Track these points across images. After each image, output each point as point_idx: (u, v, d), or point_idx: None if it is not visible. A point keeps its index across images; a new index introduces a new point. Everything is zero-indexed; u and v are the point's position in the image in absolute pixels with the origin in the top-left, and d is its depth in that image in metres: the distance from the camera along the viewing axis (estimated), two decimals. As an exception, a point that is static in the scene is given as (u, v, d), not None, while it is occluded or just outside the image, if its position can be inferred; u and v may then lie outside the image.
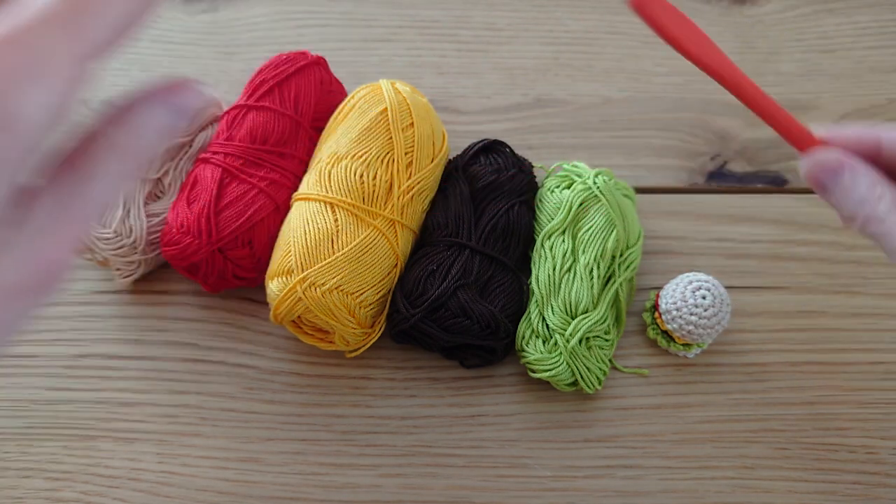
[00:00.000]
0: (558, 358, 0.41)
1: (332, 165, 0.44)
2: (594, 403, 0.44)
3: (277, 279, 0.42)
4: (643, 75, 0.56)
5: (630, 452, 0.42)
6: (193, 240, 0.43)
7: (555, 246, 0.44)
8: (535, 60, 0.57)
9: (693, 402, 0.44)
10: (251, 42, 0.58)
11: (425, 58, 0.57)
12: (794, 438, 0.43)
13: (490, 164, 0.46)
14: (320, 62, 0.49)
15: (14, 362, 0.45)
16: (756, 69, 0.56)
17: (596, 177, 0.45)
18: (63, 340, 0.46)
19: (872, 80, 0.56)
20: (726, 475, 0.42)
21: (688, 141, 0.53)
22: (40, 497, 0.41)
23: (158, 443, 0.42)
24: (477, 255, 0.43)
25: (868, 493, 0.41)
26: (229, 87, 0.55)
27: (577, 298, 0.42)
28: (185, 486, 0.41)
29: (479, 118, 0.54)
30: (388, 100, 0.45)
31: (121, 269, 0.45)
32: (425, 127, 0.46)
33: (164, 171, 0.47)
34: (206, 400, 0.44)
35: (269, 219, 0.45)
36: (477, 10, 0.59)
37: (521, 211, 0.45)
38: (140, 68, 0.56)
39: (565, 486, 0.41)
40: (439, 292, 0.41)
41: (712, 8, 0.59)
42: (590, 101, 0.55)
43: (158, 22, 0.59)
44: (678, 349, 0.44)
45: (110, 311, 0.46)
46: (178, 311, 0.46)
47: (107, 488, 0.41)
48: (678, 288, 0.43)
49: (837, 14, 0.59)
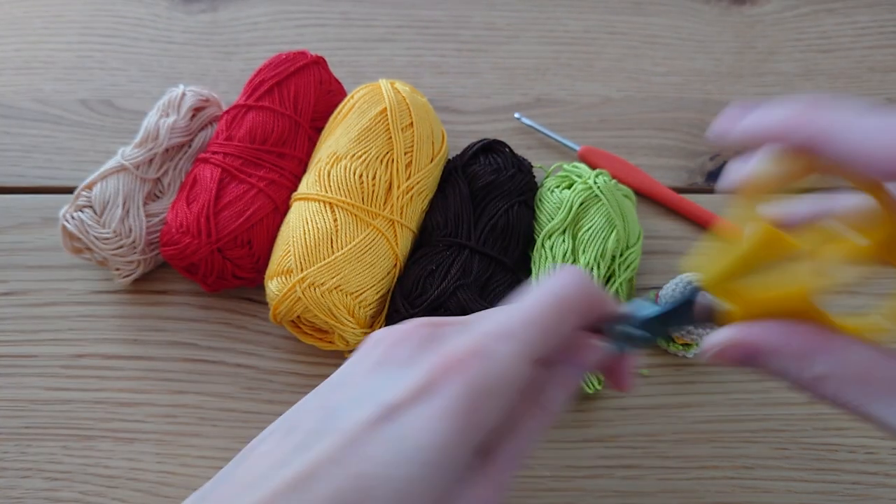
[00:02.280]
0: (558, 358, 0.41)
1: (332, 165, 0.44)
2: (594, 403, 0.44)
3: (277, 279, 0.42)
4: (643, 75, 0.56)
5: (630, 452, 0.42)
6: (193, 240, 0.43)
7: (555, 246, 0.44)
8: (535, 60, 0.57)
9: (693, 402, 0.44)
10: (251, 42, 0.58)
11: (425, 58, 0.57)
12: (793, 438, 0.43)
13: (489, 164, 0.46)
14: (320, 62, 0.49)
15: (13, 362, 0.45)
16: (756, 69, 0.56)
17: (596, 177, 0.45)
18: (62, 340, 0.45)
19: (872, 80, 0.56)
20: (726, 475, 0.42)
21: (687, 141, 0.53)
22: (39, 497, 0.41)
23: (157, 443, 0.42)
24: (476, 255, 0.43)
25: (868, 493, 0.41)
26: (229, 86, 0.55)
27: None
28: (184, 485, 0.41)
29: (478, 118, 0.54)
30: (387, 100, 0.45)
31: (120, 268, 0.45)
32: (425, 127, 0.46)
33: (164, 170, 0.47)
34: (205, 400, 0.44)
35: (269, 219, 0.45)
36: (477, 10, 0.59)
37: (521, 211, 0.45)
38: (140, 68, 0.56)
39: (565, 486, 0.41)
40: (439, 292, 0.41)
41: (712, 8, 0.59)
42: (590, 101, 0.55)
43: (158, 22, 0.59)
44: (678, 349, 0.44)
45: (110, 311, 0.46)
46: (178, 311, 0.46)
47: (106, 488, 0.41)
48: (678, 288, 0.43)
49: (837, 14, 0.59)
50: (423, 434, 0.22)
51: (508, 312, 0.25)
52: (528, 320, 0.25)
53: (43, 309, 0.47)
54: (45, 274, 0.48)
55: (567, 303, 0.26)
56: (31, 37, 0.58)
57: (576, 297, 0.26)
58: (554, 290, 0.26)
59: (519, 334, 0.24)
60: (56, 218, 0.45)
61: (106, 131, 0.53)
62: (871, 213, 0.24)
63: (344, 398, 0.24)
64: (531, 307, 0.25)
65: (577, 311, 0.26)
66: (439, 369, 0.23)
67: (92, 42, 0.58)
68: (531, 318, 0.25)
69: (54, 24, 0.59)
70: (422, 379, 0.23)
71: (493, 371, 0.23)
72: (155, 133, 0.46)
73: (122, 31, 0.58)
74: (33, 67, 0.56)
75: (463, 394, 0.22)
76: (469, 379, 0.23)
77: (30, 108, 0.54)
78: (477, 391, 0.23)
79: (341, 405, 0.24)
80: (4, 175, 0.52)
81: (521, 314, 0.25)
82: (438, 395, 0.22)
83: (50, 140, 0.53)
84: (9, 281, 0.48)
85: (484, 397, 0.23)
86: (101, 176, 0.45)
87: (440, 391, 0.22)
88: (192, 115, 0.48)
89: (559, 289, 0.26)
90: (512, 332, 0.24)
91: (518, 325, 0.24)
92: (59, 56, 0.57)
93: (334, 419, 0.23)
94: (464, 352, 0.23)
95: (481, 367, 0.23)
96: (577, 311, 0.26)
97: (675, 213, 0.50)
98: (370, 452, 0.22)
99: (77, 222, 0.44)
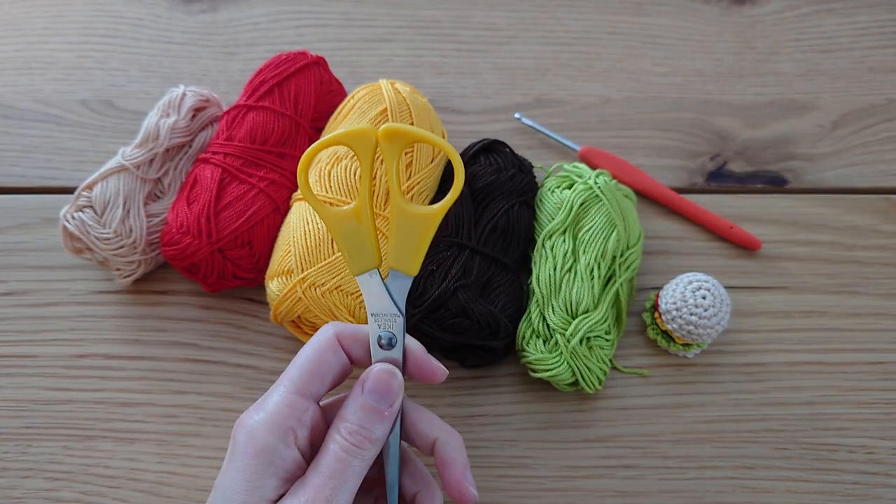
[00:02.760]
0: (559, 358, 0.41)
1: (332, 165, 0.44)
2: (594, 403, 0.44)
3: (277, 279, 0.42)
4: (643, 75, 0.56)
5: (630, 452, 0.42)
6: (193, 240, 0.43)
7: (555, 246, 0.44)
8: (535, 60, 0.57)
9: (693, 402, 0.44)
10: (251, 42, 0.58)
11: (425, 58, 0.57)
12: (793, 438, 0.43)
13: (490, 164, 0.46)
14: (320, 62, 0.49)
15: (14, 362, 0.45)
16: (756, 69, 0.57)
17: (597, 177, 0.45)
18: (62, 340, 0.46)
19: (872, 80, 0.56)
20: (726, 475, 0.42)
21: (688, 141, 0.53)
22: (40, 497, 0.41)
23: (158, 443, 0.42)
24: (477, 255, 0.43)
25: (868, 493, 0.41)
26: (229, 87, 0.55)
27: (577, 298, 0.42)
28: (184, 486, 0.41)
29: (479, 118, 0.54)
30: (387, 100, 0.45)
31: (121, 269, 0.45)
32: (425, 127, 0.46)
33: (164, 171, 0.47)
34: (205, 400, 0.44)
35: (269, 219, 0.45)
36: (477, 10, 0.59)
37: (521, 211, 0.45)
38: (140, 68, 0.56)
39: (565, 486, 0.41)
40: (439, 292, 0.41)
41: (712, 8, 0.59)
42: (590, 101, 0.55)
43: (158, 22, 0.59)
44: (678, 349, 0.44)
45: (110, 311, 0.46)
46: (178, 312, 0.46)
47: (106, 488, 0.41)
48: (678, 288, 0.43)
49: (837, 14, 0.59)
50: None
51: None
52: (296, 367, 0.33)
53: (43, 309, 0.47)
54: (46, 274, 0.48)
55: (320, 351, 0.33)
56: (32, 37, 0.58)
57: (327, 345, 0.33)
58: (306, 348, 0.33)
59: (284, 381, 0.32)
60: (56, 218, 0.45)
61: (106, 131, 0.53)
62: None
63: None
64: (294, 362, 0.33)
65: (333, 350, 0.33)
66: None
67: (92, 42, 0.58)
68: (299, 364, 0.33)
69: (54, 25, 0.59)
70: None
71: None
72: (155, 133, 0.46)
73: (122, 32, 0.58)
74: (33, 68, 0.56)
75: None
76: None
77: (30, 108, 0.54)
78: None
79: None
80: (4, 175, 0.52)
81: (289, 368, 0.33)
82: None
83: (50, 140, 0.53)
84: (9, 281, 0.48)
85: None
86: (101, 176, 0.45)
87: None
88: (193, 116, 0.48)
89: (310, 345, 0.33)
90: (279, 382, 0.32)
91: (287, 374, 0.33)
92: (60, 56, 0.57)
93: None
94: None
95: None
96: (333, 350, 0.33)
97: (675, 213, 0.50)
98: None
99: (77, 222, 0.44)
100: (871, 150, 0.53)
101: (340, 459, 0.30)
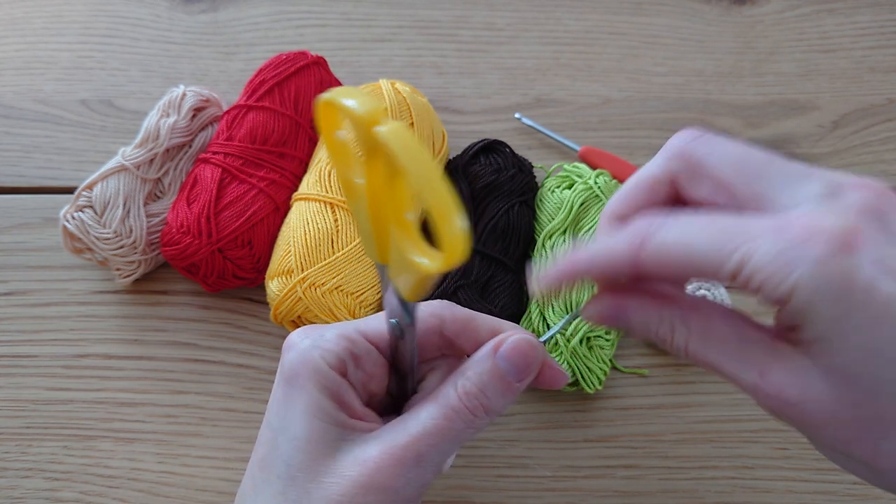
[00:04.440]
0: (559, 358, 0.41)
1: (332, 166, 0.44)
2: (594, 403, 0.44)
3: (277, 279, 0.42)
4: (643, 75, 0.56)
5: (630, 452, 0.42)
6: (193, 240, 0.43)
7: (555, 246, 0.44)
8: (535, 60, 0.57)
9: (693, 402, 0.44)
10: (251, 42, 0.58)
11: (425, 58, 0.57)
12: (793, 438, 0.43)
13: (490, 164, 0.46)
14: (320, 62, 0.49)
15: (14, 362, 0.45)
16: (756, 69, 0.56)
17: (597, 177, 0.45)
18: (63, 340, 0.45)
19: (872, 80, 0.56)
20: (726, 475, 0.42)
21: (688, 141, 0.53)
22: (40, 497, 0.41)
23: (158, 443, 0.42)
24: (477, 255, 0.43)
25: (868, 493, 0.41)
26: (229, 87, 0.55)
27: (577, 298, 0.42)
28: (184, 486, 0.41)
29: (479, 118, 0.54)
30: (387, 100, 0.45)
31: (121, 269, 0.45)
32: (425, 127, 0.46)
33: (164, 171, 0.47)
34: (205, 400, 0.44)
35: (269, 219, 0.45)
36: (477, 10, 0.59)
37: (521, 211, 0.45)
38: (140, 68, 0.56)
39: (565, 486, 0.41)
40: (439, 292, 0.41)
41: (712, 8, 0.59)
42: (590, 101, 0.55)
43: (158, 22, 0.59)
44: (678, 349, 0.44)
45: (110, 311, 0.46)
46: (178, 311, 0.46)
47: (106, 488, 0.41)
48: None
49: (837, 14, 0.59)
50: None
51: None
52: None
53: (44, 309, 0.47)
54: (46, 274, 0.48)
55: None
56: (31, 37, 0.58)
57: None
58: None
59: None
60: (57, 218, 0.45)
61: (106, 131, 0.53)
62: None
63: None
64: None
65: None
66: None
67: (92, 42, 0.58)
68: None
69: (54, 25, 0.59)
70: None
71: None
72: (155, 133, 0.46)
73: (122, 32, 0.58)
74: (33, 67, 0.56)
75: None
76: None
77: (30, 108, 0.54)
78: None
79: None
80: (4, 175, 0.52)
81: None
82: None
83: (50, 140, 0.53)
84: (9, 281, 0.48)
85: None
86: (101, 176, 0.45)
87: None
88: (193, 116, 0.48)
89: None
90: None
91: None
92: (60, 56, 0.57)
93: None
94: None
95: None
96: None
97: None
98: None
99: (78, 222, 0.44)
100: (871, 150, 0.53)
101: (447, 417, 0.27)
